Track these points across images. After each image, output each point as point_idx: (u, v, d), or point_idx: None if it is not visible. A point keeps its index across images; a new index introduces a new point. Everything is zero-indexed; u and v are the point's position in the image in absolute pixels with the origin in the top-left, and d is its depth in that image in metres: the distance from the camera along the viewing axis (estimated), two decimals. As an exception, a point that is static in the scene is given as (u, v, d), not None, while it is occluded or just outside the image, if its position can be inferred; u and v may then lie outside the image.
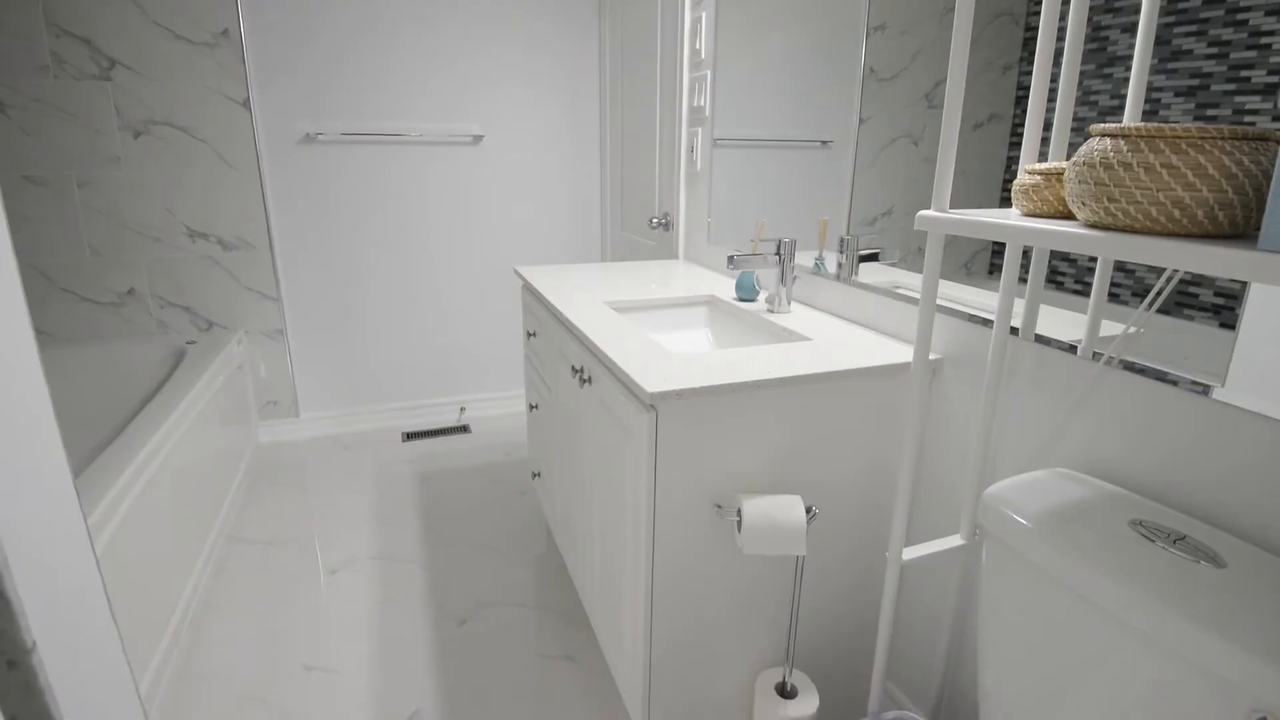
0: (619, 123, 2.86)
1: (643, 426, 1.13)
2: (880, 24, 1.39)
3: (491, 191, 3.00)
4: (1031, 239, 0.75)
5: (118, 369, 2.54)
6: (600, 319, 1.48)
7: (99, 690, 0.64)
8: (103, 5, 2.36)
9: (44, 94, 2.38)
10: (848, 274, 1.53)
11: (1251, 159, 0.63)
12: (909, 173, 1.34)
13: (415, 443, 2.93)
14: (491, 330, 3.17)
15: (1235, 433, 0.81)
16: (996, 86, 1.13)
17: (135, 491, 1.54)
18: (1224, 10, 0.81)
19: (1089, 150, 0.70)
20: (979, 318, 1.18)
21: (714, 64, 2.04)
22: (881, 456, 1.32)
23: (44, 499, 0.67)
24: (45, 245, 2.50)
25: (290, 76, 2.62)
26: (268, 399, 2.91)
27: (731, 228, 2.03)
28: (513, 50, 2.86)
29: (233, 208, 2.66)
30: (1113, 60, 0.95)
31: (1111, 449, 0.96)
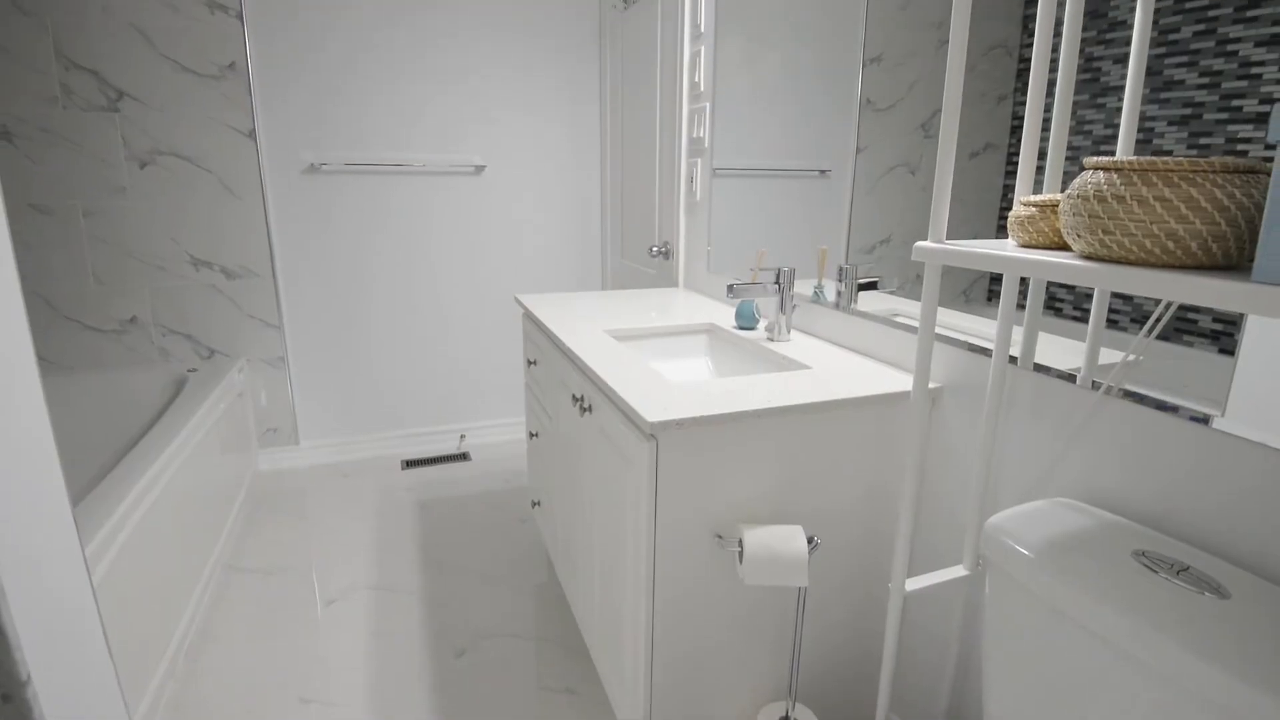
0: (619, 153, 2.90)
1: (643, 456, 1.13)
2: (876, 55, 1.41)
3: (492, 221, 3.03)
4: (1028, 270, 0.75)
5: (119, 397, 2.55)
6: (600, 347, 1.49)
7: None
8: (112, 38, 2.41)
9: (52, 124, 2.41)
10: (847, 302, 1.54)
11: (1243, 191, 0.64)
12: (907, 201, 1.36)
13: (415, 470, 2.92)
14: (492, 358, 3.17)
15: (1236, 462, 0.81)
16: (992, 116, 1.15)
17: (134, 520, 1.54)
18: (1214, 42, 0.83)
19: (1083, 183, 0.71)
20: (978, 347, 1.18)
21: (713, 96, 2.07)
22: (882, 484, 1.31)
23: (43, 530, 0.67)
24: (49, 273, 2.52)
25: (295, 107, 2.66)
26: (268, 426, 2.91)
27: (731, 256, 2.05)
28: (515, 83, 2.91)
29: (236, 237, 2.69)
30: (1106, 90, 0.96)
31: (1112, 478, 0.96)
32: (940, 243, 0.90)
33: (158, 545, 1.67)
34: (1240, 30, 0.80)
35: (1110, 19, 0.95)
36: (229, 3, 2.49)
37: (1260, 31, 0.78)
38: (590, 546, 1.52)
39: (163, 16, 2.44)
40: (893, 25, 1.36)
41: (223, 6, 2.49)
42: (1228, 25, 0.81)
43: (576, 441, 1.57)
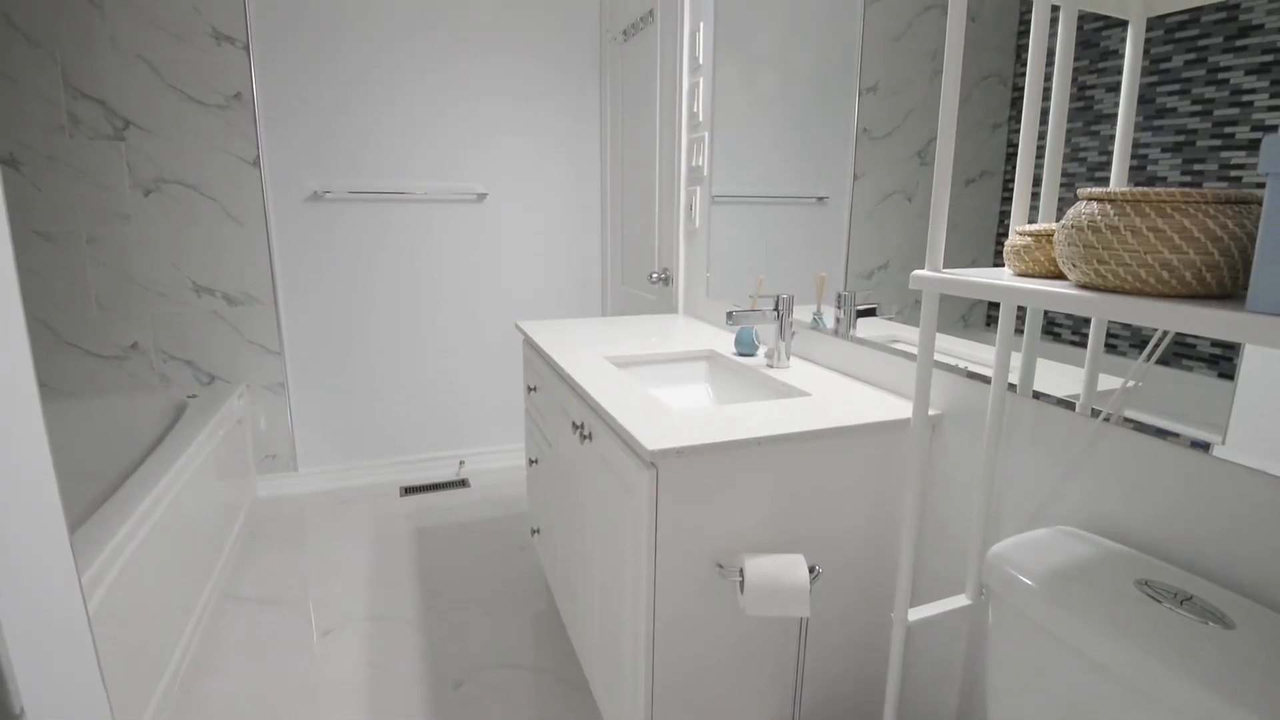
0: (619, 181, 2.93)
1: (643, 484, 1.12)
2: (872, 85, 1.44)
3: (494, 247, 3.05)
4: (1024, 299, 0.76)
5: (119, 423, 2.54)
6: (601, 374, 1.49)
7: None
8: (120, 69, 2.45)
9: (58, 152, 2.44)
10: (845, 329, 1.55)
11: (1235, 222, 0.64)
12: (904, 227, 1.37)
13: (413, 497, 2.90)
14: (492, 384, 3.17)
15: (1238, 490, 0.81)
16: (986, 144, 1.16)
17: (131, 548, 1.53)
18: (1205, 70, 0.84)
19: (1077, 213, 0.71)
20: (977, 374, 1.19)
21: (711, 126, 2.10)
22: (883, 511, 1.31)
23: (40, 559, 0.66)
24: (51, 299, 2.53)
25: (299, 136, 2.70)
26: (267, 453, 2.90)
27: (730, 282, 2.06)
28: (517, 113, 2.95)
29: (239, 263, 2.70)
30: (1099, 118, 0.98)
31: (1114, 506, 0.96)
32: (937, 271, 0.90)
33: (154, 573, 1.65)
34: (1230, 59, 0.81)
35: (1102, 49, 0.96)
36: (235, 34, 2.54)
37: (1250, 60, 0.80)
38: (590, 575, 1.50)
39: (170, 48, 2.48)
40: (888, 55, 1.38)
41: (229, 38, 2.53)
42: (1218, 54, 0.83)
43: (576, 469, 1.56)
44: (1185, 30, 0.86)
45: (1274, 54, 0.77)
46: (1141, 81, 0.91)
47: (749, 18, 1.87)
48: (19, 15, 2.33)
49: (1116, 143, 0.94)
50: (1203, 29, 0.84)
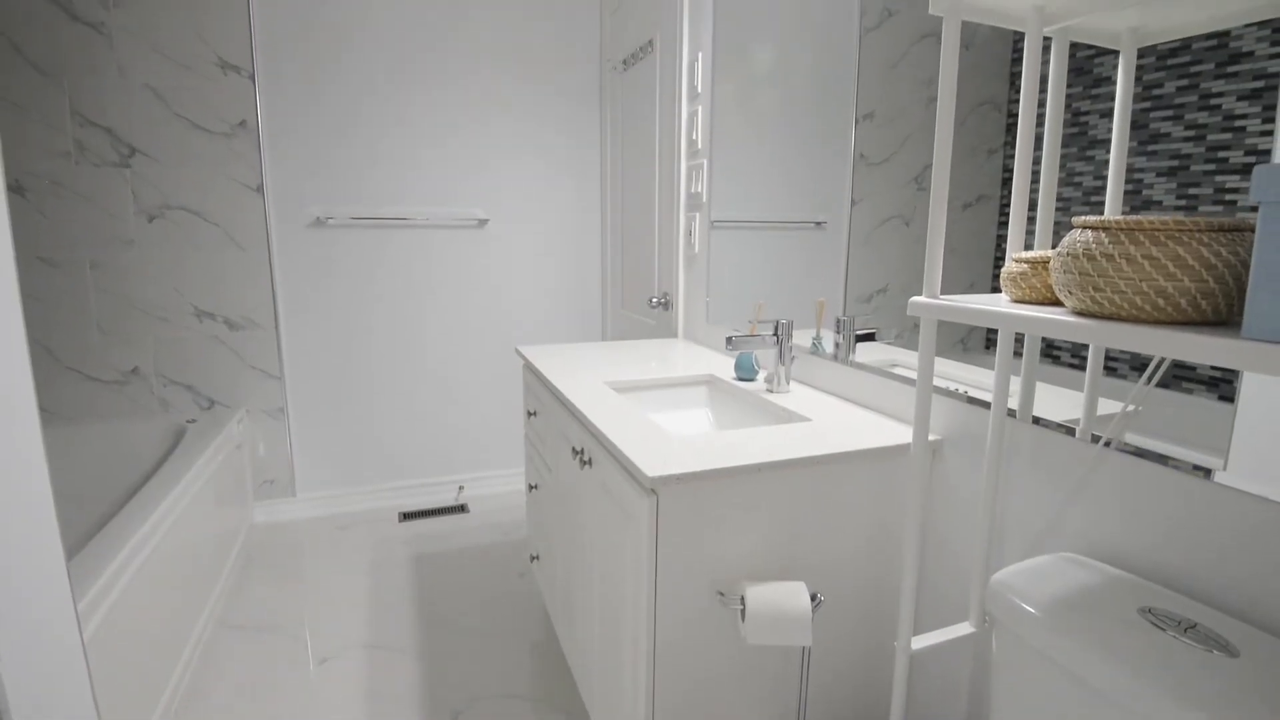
0: (619, 206, 2.96)
1: (643, 510, 1.12)
2: (869, 112, 1.45)
3: (495, 272, 3.06)
4: (1021, 326, 0.76)
5: (118, 448, 2.54)
6: (601, 399, 1.49)
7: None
8: (127, 97, 2.48)
9: (63, 179, 2.47)
10: (845, 354, 1.55)
11: (1229, 250, 0.65)
12: (902, 251, 1.38)
13: (412, 523, 2.88)
14: (492, 408, 3.17)
15: (1240, 516, 0.80)
16: (983, 169, 1.17)
17: (127, 575, 1.51)
18: (1197, 96, 0.85)
19: (1072, 241, 0.72)
20: (977, 399, 1.19)
21: (710, 153, 2.13)
22: (885, 538, 1.30)
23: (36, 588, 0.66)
24: (53, 324, 2.54)
25: (303, 163, 2.73)
26: (265, 478, 2.89)
27: (730, 306, 2.07)
28: (518, 140, 2.99)
29: (241, 288, 2.72)
30: (1094, 143, 0.98)
31: (1116, 532, 0.95)
32: (935, 298, 0.91)
33: (150, 600, 1.64)
34: (1222, 85, 0.82)
35: (1095, 75, 0.98)
36: (241, 64, 2.58)
37: (1241, 86, 0.81)
38: (589, 603, 1.49)
39: (177, 77, 2.52)
40: (884, 83, 1.41)
41: (235, 67, 2.57)
42: (1209, 80, 0.84)
43: (576, 495, 1.55)
44: (1177, 57, 0.87)
45: (1265, 80, 0.78)
46: (1135, 107, 0.92)
47: (747, 47, 1.90)
48: (29, 46, 2.37)
49: (1110, 169, 0.95)
50: (1194, 56, 0.86)
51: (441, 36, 2.82)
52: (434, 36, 2.81)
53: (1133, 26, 0.90)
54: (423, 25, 2.79)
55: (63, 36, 2.39)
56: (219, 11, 2.53)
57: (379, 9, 2.72)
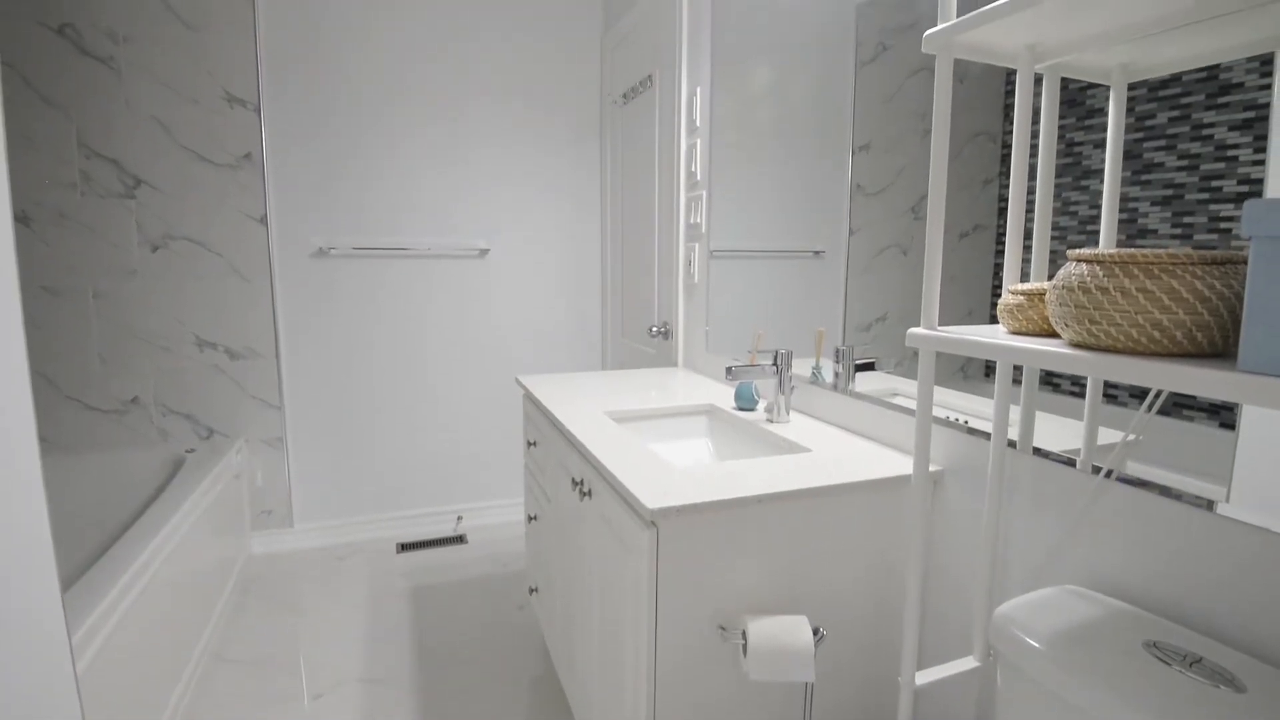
0: (619, 236, 2.98)
1: (643, 543, 1.11)
2: (865, 144, 1.48)
3: (495, 302, 3.08)
4: (1019, 358, 0.76)
5: (116, 478, 2.52)
6: (601, 430, 1.49)
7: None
8: (134, 129, 2.52)
9: (69, 209, 2.49)
10: (844, 384, 1.55)
11: (1222, 282, 0.65)
12: (901, 280, 1.39)
13: (410, 554, 2.86)
14: (491, 438, 3.16)
15: (1245, 549, 0.80)
16: (979, 199, 1.19)
17: (122, 609, 1.50)
18: (1189, 126, 0.86)
19: (1067, 274, 0.73)
20: (977, 430, 1.18)
21: (709, 185, 2.15)
22: (887, 570, 1.29)
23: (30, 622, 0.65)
24: (54, 353, 2.55)
25: (307, 194, 2.76)
26: (263, 509, 2.87)
27: (729, 335, 2.08)
28: (520, 171, 3.03)
29: (242, 318, 2.73)
30: (1088, 173, 1.00)
31: (1119, 564, 0.94)
32: (933, 329, 0.91)
33: (145, 635, 1.62)
34: (1213, 116, 0.84)
35: (1088, 107, 0.99)
36: (247, 97, 2.62)
37: (1232, 117, 0.82)
38: (589, 638, 1.47)
39: (184, 110, 2.56)
40: (880, 116, 1.43)
41: (241, 101, 2.62)
42: (1201, 111, 0.85)
43: (576, 526, 1.54)
44: (1168, 89, 0.89)
45: (1255, 110, 0.80)
46: (1128, 138, 0.93)
47: (745, 81, 1.93)
48: (38, 79, 2.41)
49: (1104, 202, 0.96)
50: (1184, 87, 0.87)
51: (445, 70, 2.87)
52: (437, 70, 2.86)
53: (1123, 63, 0.92)
54: (426, 59, 2.84)
55: (72, 70, 2.44)
56: (227, 47, 2.58)
57: (384, 43, 2.77)
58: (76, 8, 2.42)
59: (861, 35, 1.47)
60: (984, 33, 0.87)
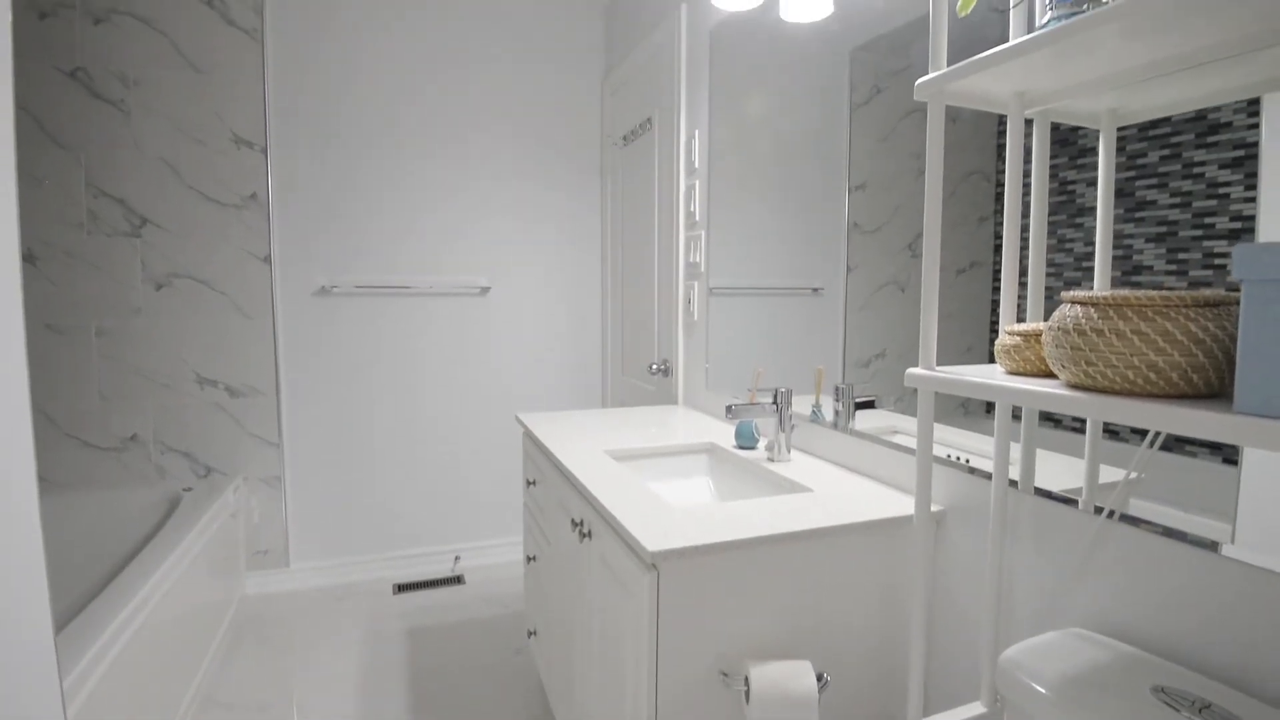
0: (620, 274, 3.01)
1: (644, 586, 1.10)
2: (861, 183, 1.50)
3: (496, 339, 3.09)
4: (1017, 399, 0.77)
5: (112, 516, 2.50)
6: (601, 469, 1.48)
7: None
8: (142, 170, 2.56)
9: (75, 248, 2.52)
10: (845, 422, 1.55)
11: (1216, 324, 0.66)
12: (899, 316, 1.40)
13: (407, 595, 2.82)
14: (491, 476, 3.14)
15: (1252, 591, 0.79)
16: (975, 236, 1.20)
17: (114, 652, 1.47)
18: (1180, 165, 0.87)
19: (1062, 316, 0.73)
20: (979, 469, 1.18)
21: (707, 225, 2.18)
22: (891, 611, 1.27)
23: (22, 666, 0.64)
24: (55, 391, 2.55)
25: (310, 233, 2.79)
26: (258, 548, 2.84)
27: (730, 372, 2.08)
28: (521, 209, 3.07)
29: (244, 356, 2.74)
30: (1082, 211, 1.00)
31: (1125, 606, 0.93)
32: (931, 370, 0.92)
33: (136, 679, 1.59)
34: (1203, 154, 0.85)
35: (1080, 146, 1.01)
36: (255, 139, 2.67)
37: (1222, 155, 0.83)
38: (588, 683, 1.44)
39: (191, 151, 2.61)
40: (875, 155, 1.45)
41: (248, 142, 2.66)
42: (1191, 150, 0.86)
43: (575, 568, 1.53)
44: (1158, 128, 0.90)
45: (1244, 149, 0.81)
46: (1120, 176, 0.94)
47: (742, 122, 1.97)
48: (50, 120, 2.46)
49: (1098, 241, 0.97)
50: (1174, 127, 0.88)
51: (448, 113, 2.93)
52: (441, 112, 2.92)
53: (1111, 108, 0.94)
54: (430, 102, 2.90)
55: (83, 112, 2.49)
56: (236, 90, 2.64)
57: (389, 86, 2.84)
58: (90, 52, 2.48)
59: (856, 79, 1.51)
60: (974, 81, 0.89)
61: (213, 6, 2.60)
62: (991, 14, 1.12)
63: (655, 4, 2.57)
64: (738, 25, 1.96)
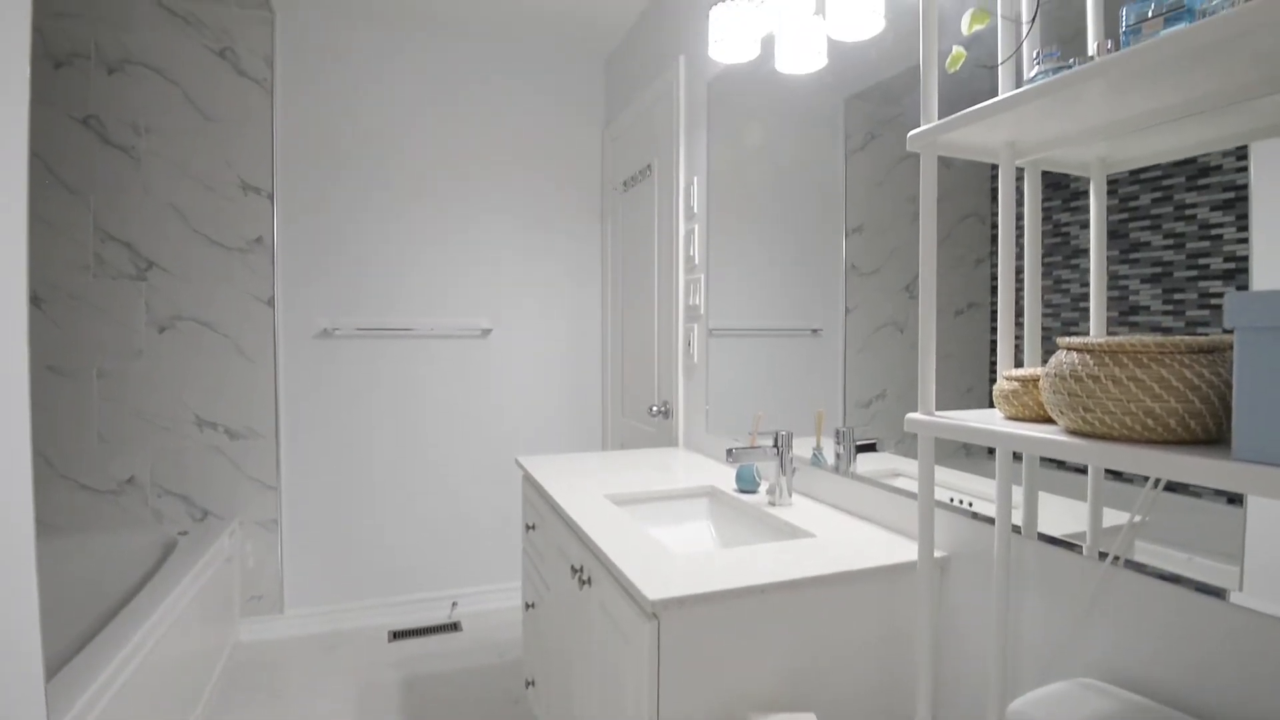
0: (620, 317, 3.03)
1: (644, 635, 1.08)
2: (858, 226, 1.52)
3: (497, 381, 3.10)
4: (1016, 445, 0.77)
5: (106, 561, 2.47)
6: (600, 513, 1.47)
7: None
8: (149, 214, 2.60)
9: (80, 291, 2.54)
10: (846, 466, 1.54)
11: (1211, 370, 0.66)
12: (899, 357, 1.40)
13: (402, 642, 2.76)
14: (489, 520, 3.11)
15: (1260, 639, 0.78)
16: (971, 277, 1.21)
17: (105, 702, 1.44)
18: (1172, 207, 0.88)
19: (1058, 362, 0.74)
20: (982, 515, 1.17)
21: (707, 269, 2.20)
22: (896, 661, 1.24)
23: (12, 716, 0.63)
24: (54, 433, 2.54)
25: (315, 276, 2.82)
26: (253, 594, 2.79)
27: (730, 412, 2.08)
28: (523, 252, 3.11)
29: (245, 398, 2.74)
30: (1077, 252, 1.01)
31: (1133, 655, 0.92)
32: (930, 415, 0.92)
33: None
34: (1194, 197, 0.86)
35: (1072, 189, 1.02)
36: (262, 185, 2.72)
37: (1213, 198, 0.84)
38: (586, 732, 1.41)
39: (199, 196, 2.65)
40: (871, 199, 1.48)
41: (255, 188, 2.71)
42: (1182, 192, 0.87)
43: (575, 616, 1.50)
44: (1149, 171, 0.91)
45: (1234, 191, 0.82)
46: (1114, 218, 0.95)
47: (740, 168, 2.01)
48: (61, 166, 2.50)
49: (1092, 285, 0.97)
50: (1165, 170, 0.89)
51: (450, 158, 2.98)
52: (443, 157, 2.97)
53: (1100, 156, 0.96)
54: (432, 146, 2.96)
55: (94, 158, 2.54)
56: (245, 138, 2.69)
57: (393, 132, 2.90)
58: (103, 100, 2.54)
59: (850, 125, 1.54)
60: (965, 133, 0.91)
61: (225, 58, 2.67)
62: (979, 70, 1.15)
63: (654, 56, 2.64)
64: (735, 76, 2.02)
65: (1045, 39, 1.02)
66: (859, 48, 1.49)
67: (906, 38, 1.35)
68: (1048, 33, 1.02)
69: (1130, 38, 0.71)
